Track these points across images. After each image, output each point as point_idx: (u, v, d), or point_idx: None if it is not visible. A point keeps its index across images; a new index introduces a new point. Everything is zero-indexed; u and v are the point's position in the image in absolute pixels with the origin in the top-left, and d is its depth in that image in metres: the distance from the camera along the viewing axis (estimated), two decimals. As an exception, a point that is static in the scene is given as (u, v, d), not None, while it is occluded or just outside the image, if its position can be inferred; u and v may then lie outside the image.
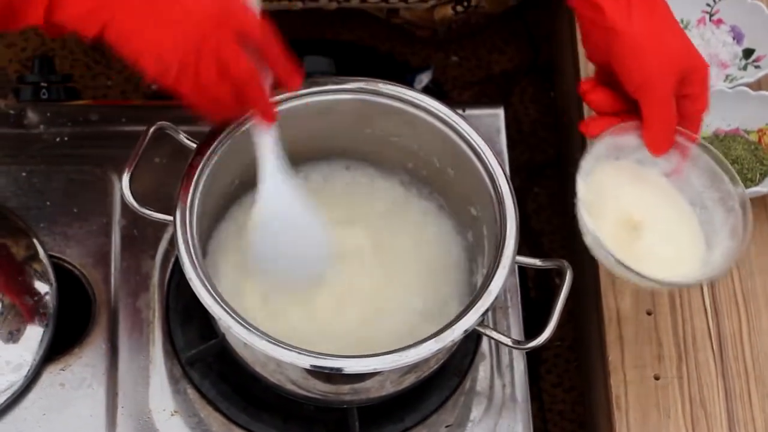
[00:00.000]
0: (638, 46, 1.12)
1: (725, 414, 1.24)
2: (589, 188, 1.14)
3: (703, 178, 1.18)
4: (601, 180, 1.16)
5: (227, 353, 1.19)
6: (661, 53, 1.12)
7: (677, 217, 1.19)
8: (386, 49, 1.75)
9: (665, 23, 1.15)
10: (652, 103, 1.14)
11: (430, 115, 1.19)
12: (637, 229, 1.16)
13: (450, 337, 1.07)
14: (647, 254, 1.14)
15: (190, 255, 1.08)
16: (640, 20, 1.12)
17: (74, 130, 1.35)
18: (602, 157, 1.17)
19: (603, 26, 1.12)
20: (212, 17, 1.03)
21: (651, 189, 1.19)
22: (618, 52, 1.12)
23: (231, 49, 1.03)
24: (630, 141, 1.17)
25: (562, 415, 1.62)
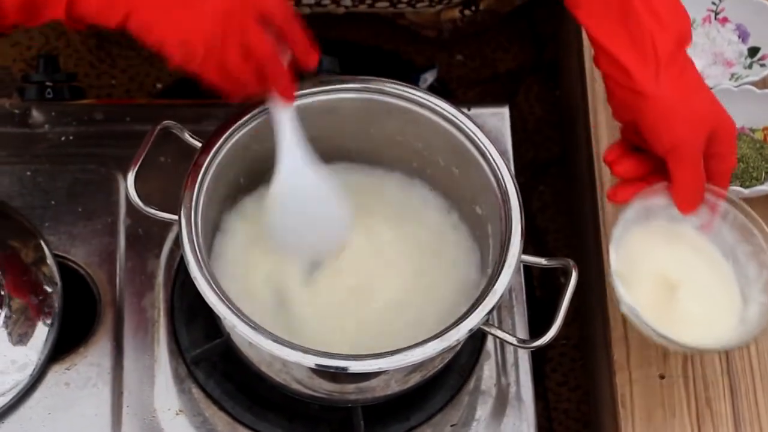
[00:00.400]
0: (667, 109, 1.12)
1: (731, 412, 1.23)
2: (622, 257, 1.16)
3: (735, 232, 1.21)
4: (634, 245, 1.18)
5: (232, 352, 1.19)
6: (690, 115, 1.13)
7: (712, 272, 1.21)
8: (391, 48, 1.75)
9: (692, 84, 1.16)
10: (682, 165, 1.14)
11: (435, 114, 1.19)
12: (674, 289, 1.18)
13: (455, 336, 1.07)
14: (685, 314, 1.17)
15: (195, 254, 1.08)
16: (667, 83, 1.12)
17: (79, 130, 1.35)
18: (632, 222, 1.18)
19: (630, 89, 1.13)
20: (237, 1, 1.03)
21: (684, 246, 1.21)
22: (646, 115, 1.13)
23: (254, 30, 1.04)
24: (659, 201, 1.19)
25: (567, 413, 1.62)
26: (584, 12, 1.14)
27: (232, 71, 1.05)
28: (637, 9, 1.12)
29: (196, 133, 1.17)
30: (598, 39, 1.14)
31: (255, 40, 1.04)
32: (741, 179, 1.32)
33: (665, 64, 1.12)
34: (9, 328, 1.21)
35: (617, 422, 1.24)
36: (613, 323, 1.28)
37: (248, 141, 1.17)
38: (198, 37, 1.03)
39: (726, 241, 1.21)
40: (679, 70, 1.13)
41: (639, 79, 1.12)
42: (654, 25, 1.12)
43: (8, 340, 1.21)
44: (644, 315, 1.14)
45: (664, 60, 1.12)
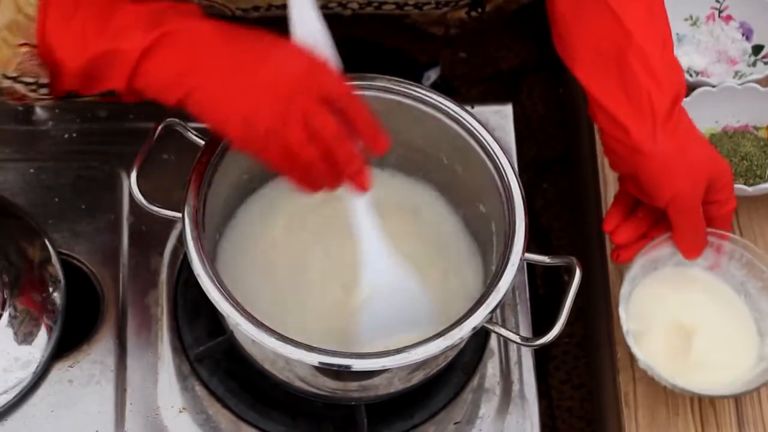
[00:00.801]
0: (665, 164, 1.14)
1: (734, 411, 1.23)
2: (633, 313, 1.19)
3: (743, 269, 1.23)
4: (644, 298, 1.21)
5: (235, 350, 1.19)
6: (687, 168, 1.15)
7: (726, 311, 1.23)
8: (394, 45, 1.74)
9: (688, 136, 1.17)
10: (683, 215, 1.17)
11: (438, 112, 1.19)
12: (690, 335, 1.20)
13: (458, 334, 1.07)
14: (703, 359, 1.19)
15: (199, 252, 1.08)
16: (664, 139, 1.14)
17: (82, 127, 1.35)
18: (639, 277, 1.21)
19: (628, 145, 1.14)
20: (298, 80, 1.01)
21: (695, 288, 1.24)
22: (644, 170, 1.15)
23: (319, 111, 1.01)
24: (664, 251, 1.22)
25: (570, 412, 1.62)
26: (581, 68, 1.15)
27: (296, 153, 1.02)
28: (633, 67, 1.13)
29: (201, 130, 1.16)
30: (595, 95, 1.15)
31: (319, 120, 1.01)
32: (745, 177, 1.32)
33: (662, 122, 1.13)
34: (13, 325, 1.21)
35: (621, 421, 1.23)
36: (616, 321, 1.27)
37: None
38: (261, 116, 1.01)
39: (736, 277, 1.24)
40: (675, 125, 1.15)
41: (636, 136, 1.13)
42: (650, 83, 1.13)
43: (12, 338, 1.21)
44: (662, 371, 1.17)
45: (660, 118, 1.13)
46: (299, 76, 1.02)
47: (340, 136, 1.03)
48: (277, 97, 1.01)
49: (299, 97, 1.01)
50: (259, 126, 1.01)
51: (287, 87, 1.01)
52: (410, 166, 1.27)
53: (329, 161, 1.03)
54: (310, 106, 1.01)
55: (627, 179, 1.20)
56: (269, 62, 1.02)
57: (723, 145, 1.34)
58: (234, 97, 1.02)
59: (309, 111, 1.01)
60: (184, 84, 1.02)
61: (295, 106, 1.01)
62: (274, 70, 1.02)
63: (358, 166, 1.06)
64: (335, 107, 1.02)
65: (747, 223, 1.33)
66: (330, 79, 1.03)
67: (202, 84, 1.02)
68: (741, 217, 1.33)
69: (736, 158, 1.33)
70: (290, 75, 1.02)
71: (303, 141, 1.01)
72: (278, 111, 1.00)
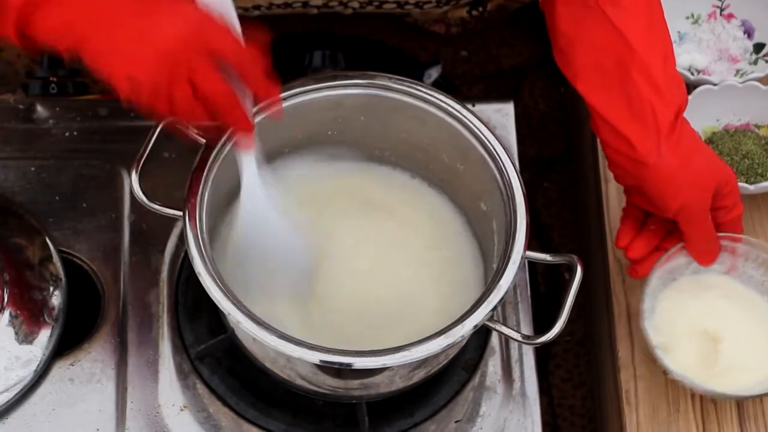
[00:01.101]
0: (670, 176, 1.15)
1: (735, 408, 1.23)
2: (658, 327, 1.21)
3: (760, 269, 1.24)
4: (666, 309, 1.23)
5: (236, 348, 1.19)
6: (693, 178, 1.15)
7: (750, 313, 1.24)
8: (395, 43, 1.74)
9: (691, 147, 1.17)
10: (693, 225, 1.18)
11: (439, 110, 1.19)
12: (717, 340, 1.21)
13: (460, 332, 1.07)
14: (733, 362, 1.20)
15: (200, 250, 1.08)
16: (669, 152, 1.14)
17: (83, 125, 1.35)
18: (658, 290, 1.23)
19: (633, 158, 1.14)
20: (184, 38, 1.01)
21: (715, 294, 1.25)
22: (650, 183, 1.15)
23: (203, 69, 1.01)
24: (680, 260, 1.23)
25: (572, 410, 1.62)
26: (583, 82, 1.15)
27: (181, 109, 1.03)
28: (636, 80, 1.13)
29: (201, 128, 1.16)
30: (597, 109, 1.15)
31: (203, 77, 1.01)
32: (746, 175, 1.32)
33: (666, 135, 1.14)
34: (13, 323, 1.21)
35: (622, 418, 1.23)
36: (617, 319, 1.28)
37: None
38: (144, 73, 1.00)
39: (754, 277, 1.25)
40: (678, 137, 1.15)
41: (641, 150, 1.13)
42: (653, 96, 1.13)
43: (13, 336, 1.21)
44: (695, 379, 1.18)
45: (665, 131, 1.13)
46: (186, 33, 1.01)
47: (224, 93, 1.03)
48: (162, 54, 1.01)
49: (184, 54, 1.01)
50: (144, 81, 1.01)
51: (173, 43, 1.01)
52: (411, 164, 1.27)
53: (215, 115, 1.04)
54: (196, 63, 1.01)
55: (633, 191, 1.20)
56: (158, 16, 1.02)
57: (724, 143, 1.34)
58: (119, 51, 1.01)
59: (193, 68, 1.01)
60: (71, 33, 1.01)
61: (179, 63, 1.01)
62: (161, 25, 1.01)
63: (242, 121, 1.07)
64: (224, 63, 1.03)
65: (748, 221, 1.33)
66: (218, 35, 1.03)
67: (89, 35, 1.01)
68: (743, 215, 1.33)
69: (738, 156, 1.33)
70: (177, 31, 1.01)
71: (187, 98, 1.02)
72: (162, 68, 1.01)
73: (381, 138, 1.24)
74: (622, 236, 1.23)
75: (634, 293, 1.28)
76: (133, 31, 1.01)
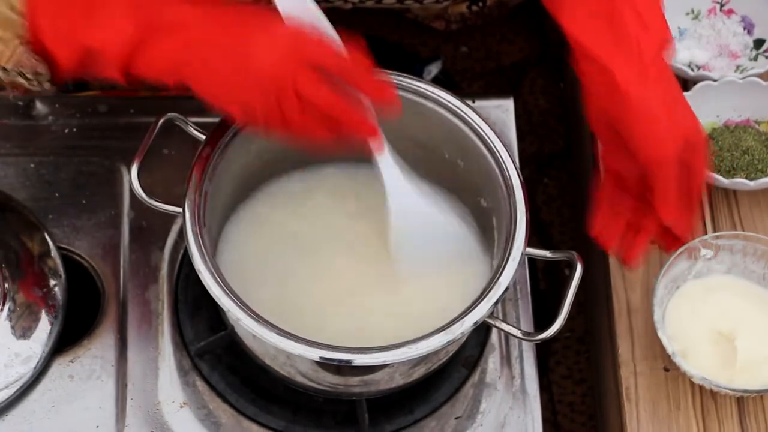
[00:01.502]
0: (652, 112, 1.11)
1: (735, 405, 1.23)
2: (672, 334, 1.21)
3: (760, 261, 1.25)
4: (676, 318, 1.23)
5: (236, 345, 1.19)
6: (674, 122, 1.12)
7: (759, 307, 1.25)
8: (395, 39, 1.74)
9: (673, 86, 1.15)
10: (668, 169, 1.13)
11: (439, 106, 1.19)
12: (731, 338, 1.21)
13: (460, 329, 1.07)
14: (751, 358, 1.21)
15: (200, 247, 1.08)
16: (651, 84, 1.11)
17: (83, 122, 1.35)
18: (665, 298, 1.23)
19: (613, 87, 1.11)
20: (280, 57, 1.03)
21: (722, 294, 1.25)
22: (628, 114, 1.11)
23: (308, 83, 1.02)
24: (682, 266, 1.24)
25: (572, 406, 1.62)
26: (567, 15, 1.14)
27: (295, 124, 1.03)
28: (622, 12, 1.11)
29: (201, 125, 1.16)
30: (581, 40, 1.13)
31: (309, 91, 1.02)
32: (746, 171, 1.32)
33: (649, 64, 1.11)
34: (13, 320, 1.21)
35: (622, 415, 1.23)
36: (617, 316, 1.28)
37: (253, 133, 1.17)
38: (253, 97, 1.03)
39: (756, 272, 1.26)
40: (660, 71, 1.13)
41: (622, 77, 1.10)
42: (639, 29, 1.11)
43: (12, 333, 1.21)
44: (720, 381, 1.18)
45: (648, 60, 1.11)
46: (282, 52, 1.03)
47: (334, 100, 1.03)
48: (264, 79, 1.02)
49: (285, 72, 1.02)
50: (256, 109, 1.03)
51: (271, 65, 1.02)
52: (411, 160, 1.26)
53: (332, 124, 1.05)
54: (299, 78, 1.02)
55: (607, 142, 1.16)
56: (252, 42, 1.04)
57: (724, 139, 1.34)
58: (228, 83, 1.04)
59: (299, 84, 1.02)
60: (178, 72, 1.04)
61: (283, 81, 1.02)
62: (257, 50, 1.03)
63: (364, 125, 1.07)
64: (328, 73, 1.03)
65: (748, 217, 1.33)
66: (314, 47, 1.04)
67: (195, 71, 1.04)
68: (742, 211, 1.33)
69: (738, 152, 1.33)
70: (272, 52, 1.03)
71: (297, 113, 1.03)
72: (268, 88, 1.02)
73: (381, 134, 1.24)
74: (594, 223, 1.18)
75: (635, 290, 1.29)
76: (233, 60, 1.03)
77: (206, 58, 1.04)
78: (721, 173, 1.32)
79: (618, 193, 1.18)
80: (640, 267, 1.25)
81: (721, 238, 1.24)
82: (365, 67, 1.06)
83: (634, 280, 1.29)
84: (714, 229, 1.32)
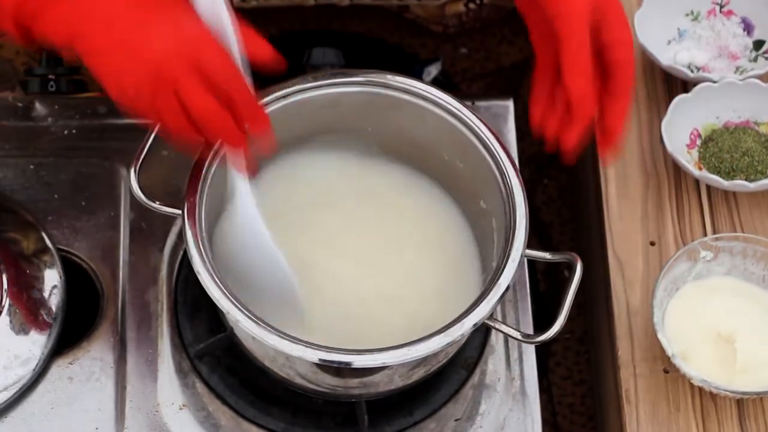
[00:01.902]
0: None
1: (735, 407, 1.23)
2: (672, 337, 1.21)
3: (760, 263, 1.25)
4: (676, 320, 1.23)
5: (236, 347, 1.19)
6: None
7: (757, 308, 1.25)
8: (395, 40, 1.74)
9: None
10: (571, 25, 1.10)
11: (438, 108, 1.19)
12: (731, 340, 1.21)
13: (459, 331, 1.07)
14: (751, 359, 1.20)
15: (199, 249, 1.08)
16: None
17: (82, 123, 1.34)
18: (665, 300, 1.23)
19: None
20: (172, 52, 1.01)
21: (722, 295, 1.25)
22: None
23: (189, 85, 1.01)
24: (682, 267, 1.24)
25: (571, 408, 1.62)
26: None
27: (164, 120, 1.03)
28: None
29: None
30: None
31: (188, 93, 1.01)
32: (746, 173, 1.32)
33: None
34: (12, 322, 1.21)
35: (622, 417, 1.23)
36: (617, 318, 1.27)
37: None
38: (130, 80, 1.02)
39: (756, 273, 1.25)
40: None
41: None
42: None
43: (11, 335, 1.20)
44: (720, 383, 1.18)
45: None
46: (178, 45, 1.01)
47: (209, 109, 1.02)
48: (148, 64, 1.01)
49: (171, 67, 1.01)
50: (129, 90, 1.02)
51: (160, 55, 1.01)
52: (410, 161, 1.26)
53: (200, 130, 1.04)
54: (182, 78, 1.01)
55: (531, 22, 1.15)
56: (152, 25, 1.02)
57: (724, 140, 1.34)
58: (111, 54, 1.02)
59: (180, 83, 1.01)
60: (69, 31, 1.03)
61: (165, 76, 1.01)
62: (153, 35, 1.02)
63: (231, 136, 1.06)
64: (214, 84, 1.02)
65: (748, 219, 1.33)
66: (212, 56, 1.02)
67: (85, 34, 1.03)
68: (742, 213, 1.33)
69: (737, 154, 1.33)
70: (166, 44, 1.01)
71: (172, 109, 1.02)
72: (146, 78, 1.01)
73: (380, 135, 1.24)
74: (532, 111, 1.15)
75: (634, 291, 1.28)
76: (126, 36, 1.02)
77: (100, 22, 1.02)
78: (720, 175, 1.32)
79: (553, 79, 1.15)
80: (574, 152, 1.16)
81: (720, 240, 1.24)
82: (251, 94, 1.05)
83: (633, 281, 1.29)
84: (714, 230, 1.32)
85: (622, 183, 1.35)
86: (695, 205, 1.34)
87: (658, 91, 1.41)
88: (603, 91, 1.13)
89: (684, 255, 1.23)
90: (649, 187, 1.35)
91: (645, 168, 1.36)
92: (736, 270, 1.25)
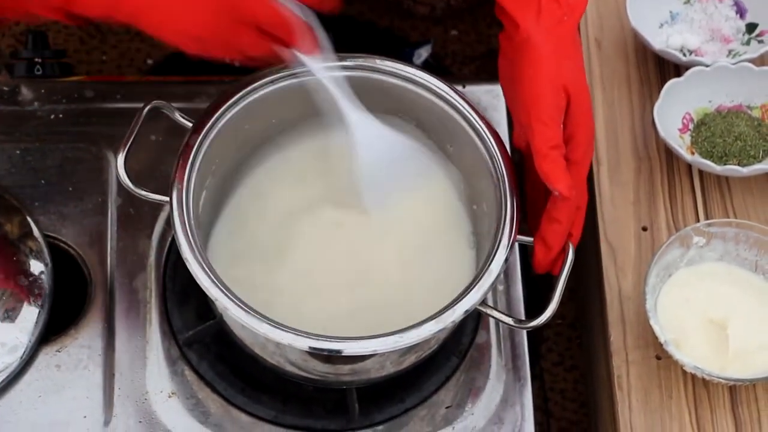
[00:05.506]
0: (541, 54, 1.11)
1: (728, 394, 1.23)
2: (665, 323, 1.21)
3: (753, 249, 1.24)
4: (668, 306, 1.23)
5: (225, 334, 1.18)
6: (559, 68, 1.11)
7: (750, 294, 1.25)
8: (385, 23, 1.73)
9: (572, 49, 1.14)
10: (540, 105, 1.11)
11: (428, 92, 1.19)
12: (724, 326, 1.21)
13: (451, 317, 1.06)
14: (744, 346, 1.20)
15: (187, 236, 1.07)
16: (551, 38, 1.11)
17: (69, 107, 1.33)
18: (657, 287, 1.23)
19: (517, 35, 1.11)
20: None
21: (714, 281, 1.25)
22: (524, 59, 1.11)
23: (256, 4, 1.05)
24: (674, 253, 1.23)
25: (563, 394, 1.61)
26: None
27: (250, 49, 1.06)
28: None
29: (188, 111, 1.15)
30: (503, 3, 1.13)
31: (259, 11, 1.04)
32: (739, 158, 1.31)
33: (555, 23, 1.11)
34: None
35: (614, 403, 1.23)
36: (609, 304, 1.27)
37: (240, 119, 1.16)
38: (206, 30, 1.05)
39: (748, 259, 1.25)
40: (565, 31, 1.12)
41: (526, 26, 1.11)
42: None
43: (-2, 322, 1.20)
44: (712, 369, 1.18)
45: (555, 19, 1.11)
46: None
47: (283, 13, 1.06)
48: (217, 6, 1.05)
49: None
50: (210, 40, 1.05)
51: None
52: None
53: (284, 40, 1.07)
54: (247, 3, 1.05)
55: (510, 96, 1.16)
56: None
57: (716, 125, 1.34)
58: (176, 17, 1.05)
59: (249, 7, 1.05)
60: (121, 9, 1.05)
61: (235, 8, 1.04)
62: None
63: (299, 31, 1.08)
64: None
65: (741, 205, 1.32)
66: None
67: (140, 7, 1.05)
68: (735, 199, 1.32)
69: (730, 138, 1.32)
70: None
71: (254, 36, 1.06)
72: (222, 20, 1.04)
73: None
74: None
75: (626, 277, 1.28)
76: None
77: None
78: (713, 160, 1.31)
79: None
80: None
81: (713, 226, 1.23)
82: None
83: (626, 267, 1.29)
84: (706, 216, 1.31)
85: (614, 168, 1.35)
86: (688, 190, 1.33)
87: (650, 75, 1.41)
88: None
89: (676, 241, 1.23)
90: (641, 172, 1.34)
91: (637, 153, 1.36)
92: (729, 256, 1.25)
